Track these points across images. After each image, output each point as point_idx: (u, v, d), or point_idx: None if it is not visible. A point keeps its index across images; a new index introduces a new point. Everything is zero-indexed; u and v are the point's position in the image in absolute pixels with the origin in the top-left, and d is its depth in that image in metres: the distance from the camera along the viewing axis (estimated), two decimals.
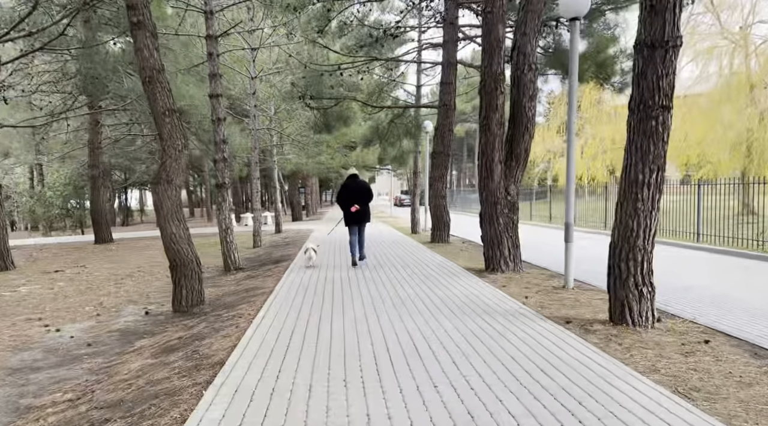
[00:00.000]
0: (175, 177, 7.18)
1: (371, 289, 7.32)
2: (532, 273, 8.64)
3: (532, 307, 6.04)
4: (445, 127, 13.60)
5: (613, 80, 12.69)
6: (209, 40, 10.98)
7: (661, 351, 4.33)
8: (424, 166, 18.41)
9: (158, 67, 7.00)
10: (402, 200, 56.61)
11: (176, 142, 7.17)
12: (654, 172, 4.86)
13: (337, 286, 7.69)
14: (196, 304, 7.28)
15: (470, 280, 7.89)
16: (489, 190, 8.47)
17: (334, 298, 6.77)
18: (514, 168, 8.61)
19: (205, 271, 11.48)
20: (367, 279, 8.23)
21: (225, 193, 11.18)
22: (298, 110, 17.29)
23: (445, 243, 13.77)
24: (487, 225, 8.60)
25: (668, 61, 4.69)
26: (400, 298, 6.63)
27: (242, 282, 9.27)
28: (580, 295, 6.80)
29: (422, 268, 9.23)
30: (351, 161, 27.39)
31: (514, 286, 7.48)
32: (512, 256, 8.58)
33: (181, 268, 7.16)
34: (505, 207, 8.53)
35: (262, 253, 13.60)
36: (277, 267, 10.40)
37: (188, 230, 7.31)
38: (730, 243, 13.07)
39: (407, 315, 5.72)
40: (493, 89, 8.24)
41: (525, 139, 8.53)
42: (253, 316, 6.01)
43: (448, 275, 8.43)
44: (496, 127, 8.26)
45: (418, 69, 16.99)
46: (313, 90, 14.46)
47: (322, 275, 8.75)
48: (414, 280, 7.97)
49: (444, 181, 13.91)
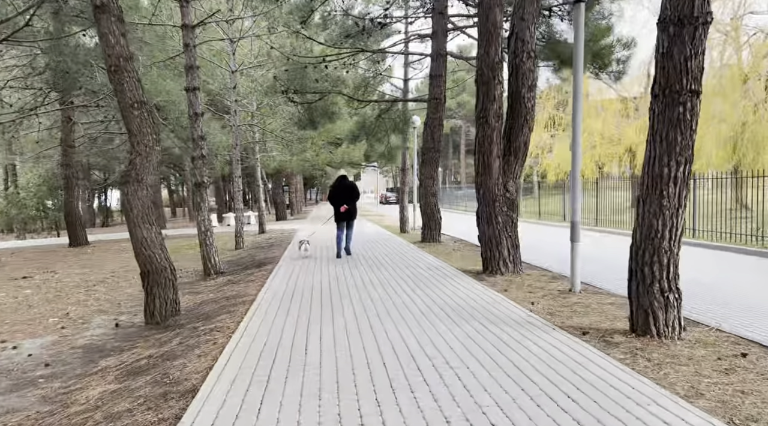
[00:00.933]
0: (146, 176, 6.53)
1: (362, 295, 6.74)
2: (532, 275, 8.12)
3: (541, 315, 5.51)
4: (435, 122, 13.05)
5: (610, 70, 12.23)
6: (185, 30, 10.30)
7: (697, 368, 3.81)
8: (413, 163, 17.86)
9: (125, 54, 6.34)
10: (388, 198, 56.05)
11: (146, 137, 6.52)
12: (681, 165, 4.34)
13: (325, 291, 7.09)
14: (171, 315, 6.64)
15: (469, 284, 7.35)
16: (487, 187, 7.93)
17: (322, 306, 6.17)
18: (513, 163, 8.08)
19: (184, 276, 10.86)
20: (357, 283, 7.65)
21: (204, 193, 10.52)
22: (281, 105, 16.62)
23: (436, 242, 13.22)
24: (485, 224, 8.06)
25: (698, 39, 4.16)
26: (395, 306, 6.06)
27: (223, 288, 8.64)
28: (589, 299, 6.28)
29: (415, 271, 8.67)
30: (336, 158, 26.74)
31: (516, 289, 6.95)
32: (512, 256, 8.06)
33: (153, 275, 6.51)
34: (504, 204, 8.00)
35: (244, 256, 12.95)
36: (260, 271, 9.78)
37: (161, 234, 6.67)
38: (727, 239, 12.71)
39: (404, 326, 5.15)
40: (490, 78, 7.69)
41: (524, 132, 8.00)
42: (233, 329, 5.40)
43: (444, 278, 7.88)
44: (494, 120, 7.72)
45: (406, 62, 16.41)
46: (297, 84, 13.83)
47: (308, 279, 8.15)
48: (408, 285, 7.40)
49: (434, 178, 13.37)
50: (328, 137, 22.89)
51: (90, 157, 38.83)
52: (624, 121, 26.37)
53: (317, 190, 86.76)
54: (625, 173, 25.70)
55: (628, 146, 25.42)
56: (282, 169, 25.29)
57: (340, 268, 9.24)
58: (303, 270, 9.23)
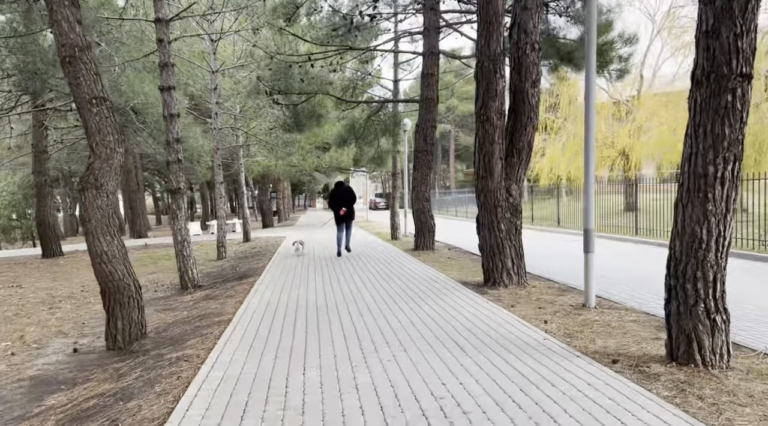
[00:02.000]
0: (107, 181, 5.76)
1: (353, 314, 6.00)
2: (538, 287, 7.43)
3: (559, 337, 4.81)
4: (428, 123, 12.37)
5: (612, 67, 11.64)
6: (159, 25, 9.54)
7: (763, 409, 3.12)
8: (403, 167, 17.17)
9: (81, 44, 5.58)
10: (377, 203, 55.41)
11: (107, 138, 5.75)
12: (729, 162, 3.67)
13: (311, 310, 6.34)
14: (136, 338, 5.86)
15: (471, 299, 6.63)
16: (488, 191, 7.24)
17: (307, 330, 5.43)
18: (516, 165, 7.41)
19: (160, 290, 10.05)
20: (347, 299, 6.91)
21: (180, 200, 9.73)
22: (265, 108, 15.86)
23: (429, 250, 12.51)
24: (487, 232, 7.37)
25: (749, 13, 3.50)
26: (392, 329, 5.33)
27: (199, 304, 7.85)
28: (608, 316, 5.59)
29: (410, 283, 7.95)
30: (324, 163, 25.96)
31: (524, 305, 6.25)
32: (516, 267, 7.36)
33: (114, 294, 5.73)
34: (507, 210, 7.31)
35: (226, 267, 12.15)
36: (241, 284, 9.00)
37: (124, 247, 5.89)
38: (741, 245, 12.08)
39: (404, 357, 4.41)
40: (491, 72, 7.00)
41: (528, 132, 7.33)
42: (203, 358, 4.64)
43: (444, 292, 7.16)
44: (496, 117, 7.04)
45: (395, 62, 15.73)
46: (281, 84, 13.09)
47: (293, 295, 7.39)
48: (403, 300, 6.68)
49: (428, 183, 12.68)
50: (316, 141, 22.14)
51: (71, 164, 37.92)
52: (617, 124, 25.92)
53: (305, 196, 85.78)
54: (618, 177, 25.20)
55: (621, 149, 24.95)
56: (268, 174, 24.47)
57: (327, 281, 8.49)
58: (287, 283, 8.47)
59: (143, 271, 12.63)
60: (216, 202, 14.05)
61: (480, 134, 7.19)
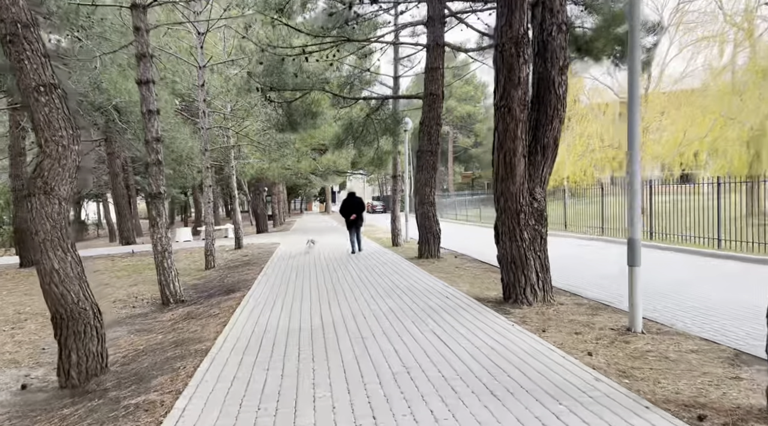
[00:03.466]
0: (59, 185, 4.78)
1: (355, 342, 5.03)
2: (566, 304, 6.47)
3: (613, 377, 3.86)
4: (432, 121, 11.43)
5: None
6: (135, 11, 8.58)
7: None
8: (404, 169, 16.23)
9: (25, 20, 4.61)
10: (374, 207, 54.49)
11: (59, 133, 4.77)
12: None
13: (305, 336, 5.37)
14: (94, 374, 4.87)
15: (492, 320, 5.67)
16: (509, 195, 6.29)
17: (299, 365, 4.46)
18: (540, 164, 6.46)
19: (139, 305, 9.06)
20: (347, 321, 5.94)
21: (161, 206, 8.76)
22: (257, 106, 14.89)
23: (435, 258, 11.56)
24: (507, 241, 6.41)
25: None
26: (402, 363, 4.36)
27: (178, 325, 6.87)
28: (662, 345, 4.65)
29: (419, 299, 6.98)
30: (321, 166, 24.98)
31: (557, 329, 5.29)
32: (541, 282, 6.41)
33: (67, 322, 4.75)
34: (531, 216, 6.36)
35: (214, 277, 11.16)
36: (227, 299, 8.03)
37: (80, 263, 4.91)
38: (760, 250, 11.12)
39: (422, 407, 3.45)
40: (513, 57, 6.04)
41: (554, 126, 6.40)
42: (168, 407, 3.68)
43: (458, 310, 6.20)
44: (519, 109, 6.08)
45: (396, 57, 14.79)
46: (274, 80, 12.13)
47: (284, 314, 6.42)
48: (414, 322, 5.71)
49: (432, 185, 11.73)
50: (312, 143, 21.17)
51: None
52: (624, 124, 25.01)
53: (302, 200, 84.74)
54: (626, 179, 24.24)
55: None
56: (262, 177, 23.48)
57: (324, 296, 7.52)
58: (278, 298, 7.50)
59: (124, 282, 11.65)
60: (204, 207, 13.08)
61: (499, 129, 6.24)
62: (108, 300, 9.66)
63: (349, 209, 13.34)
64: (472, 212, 31.99)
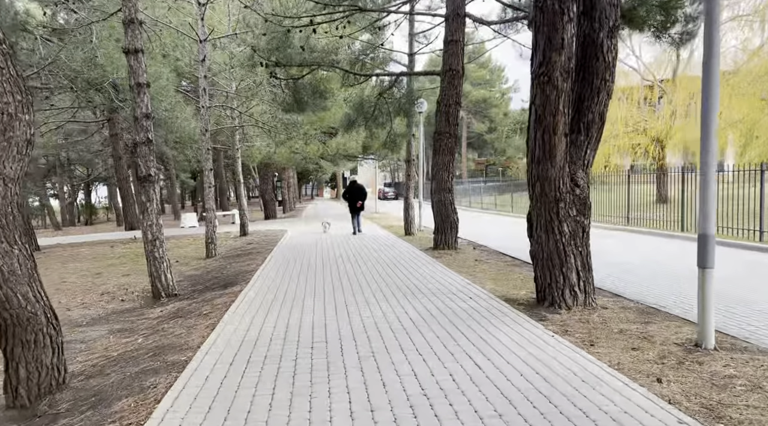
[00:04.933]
0: (3, 163, 3.92)
1: (363, 360, 4.15)
2: (610, 308, 5.54)
3: (698, 416, 2.95)
4: (451, 100, 10.44)
5: (675, 31, 9.60)
6: None
7: None
8: (419, 153, 15.25)
9: None
10: (386, 193, 53.63)
11: (2, 98, 3.90)
12: None
13: (304, 350, 4.49)
14: (48, 391, 4.04)
15: (527, 329, 4.76)
16: (546, 180, 5.34)
17: (293, 388, 3.59)
18: (583, 144, 5.51)
19: (128, 299, 8.25)
20: (354, 328, 5.05)
21: (151, 190, 7.90)
22: (262, 84, 13.96)
23: (452, 249, 10.63)
24: (544, 234, 5.48)
25: None
26: (422, 389, 3.48)
27: (163, 325, 6.04)
28: (746, 368, 3.72)
29: (438, 300, 6.08)
30: (330, 150, 24.03)
31: (608, 342, 4.37)
32: (582, 282, 5.48)
33: (14, 330, 3.90)
34: (572, 206, 5.41)
35: (213, 268, 10.33)
36: (222, 295, 7.18)
37: (31, 258, 4.05)
38: None
39: None
40: (556, 14, 5.05)
41: (600, 99, 5.43)
42: None
43: (485, 315, 5.29)
44: (561, 78, 5.11)
45: (411, 32, 13.74)
46: (279, 55, 11.19)
47: (282, 315, 5.55)
48: (435, 333, 4.82)
49: (450, 170, 10.77)
50: (321, 126, 20.21)
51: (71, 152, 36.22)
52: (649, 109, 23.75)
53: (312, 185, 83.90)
54: (652, 166, 23.04)
55: (654, 136, 22.84)
56: (269, 161, 22.60)
57: (330, 295, 6.65)
58: (279, 296, 6.64)
59: (118, 271, 10.88)
60: (204, 192, 12.24)
61: (537, 102, 5.27)
62: (96, 292, 8.89)
63: (353, 195, 15.05)
64: (487, 200, 31.00)
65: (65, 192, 46.49)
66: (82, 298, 8.49)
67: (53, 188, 48.22)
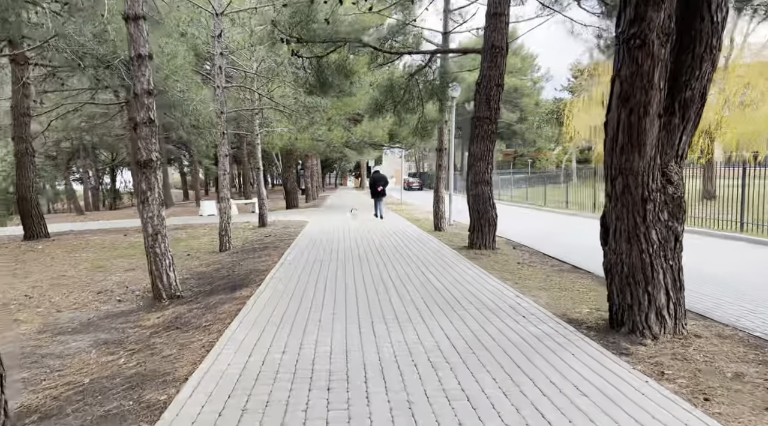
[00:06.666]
0: None
1: (397, 409, 3.08)
2: (704, 337, 4.37)
3: None
4: (493, 81, 9.27)
5: (757, 1, 8.26)
6: None
7: None
8: (450, 141, 14.08)
9: None
10: (410, 183, 52.52)
11: None
12: None
13: (319, 383, 3.44)
14: None
15: (607, 369, 3.64)
16: (632, 173, 4.19)
17: None
18: (678, 128, 4.32)
19: (126, 299, 7.34)
20: (383, 357, 3.99)
21: (152, 177, 6.93)
22: (283, 64, 12.91)
23: (489, 249, 9.51)
24: (624, 243, 4.33)
25: None
26: None
27: (154, 339, 5.08)
28: None
29: (483, 318, 4.98)
30: (355, 137, 22.90)
31: (724, 395, 3.24)
32: (672, 304, 4.32)
33: None
34: (664, 207, 4.25)
35: (225, 264, 9.37)
36: (228, 301, 6.20)
37: None
38: None
39: None
40: None
41: (703, 72, 4.23)
42: None
43: (548, 346, 4.17)
44: (659, 41, 3.93)
45: (446, 8, 12.54)
46: (302, 30, 10.14)
47: (293, 341, 4.51)
48: (483, 367, 3.73)
49: (489, 160, 9.63)
50: (346, 111, 19.12)
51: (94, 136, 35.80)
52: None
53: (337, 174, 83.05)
54: (700, 159, 21.32)
55: (703, 128, 21.16)
56: (292, 148, 21.60)
57: (353, 310, 5.60)
58: (291, 308, 5.61)
59: (123, 264, 10.02)
60: (219, 179, 11.28)
61: (624, 74, 4.10)
62: (94, 289, 8.01)
63: (375, 183, 17.53)
64: (516, 192, 29.69)
65: (89, 176, 46.35)
66: (77, 296, 7.61)
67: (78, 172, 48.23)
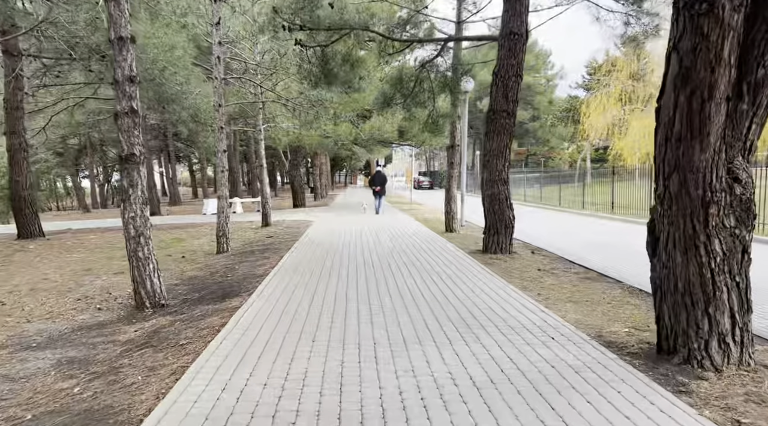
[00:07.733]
0: None
1: None
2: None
3: None
4: (511, 71, 8.51)
5: None
6: None
7: None
8: (463, 137, 13.32)
9: None
10: (420, 182, 51.77)
11: None
12: None
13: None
14: None
15: (663, 413, 2.89)
16: (690, 169, 3.43)
17: None
18: (746, 115, 3.54)
19: (107, 306, 6.65)
20: (386, 399, 3.26)
21: (134, 173, 6.26)
22: (287, 55, 12.23)
23: (506, 253, 8.76)
24: (679, 254, 3.57)
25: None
26: None
27: (119, 363, 4.39)
28: None
29: (505, 340, 4.24)
30: (364, 134, 22.19)
31: None
32: (738, 330, 3.56)
33: None
34: (729, 212, 3.49)
35: (219, 268, 8.69)
36: (215, 312, 5.51)
37: None
38: None
39: None
40: None
41: None
42: None
43: (586, 379, 3.42)
44: (731, 5, 3.18)
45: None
46: (305, 16, 9.44)
47: (280, 366, 3.80)
48: (507, 410, 2.99)
49: (506, 156, 8.86)
50: (354, 107, 18.42)
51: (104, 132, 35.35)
52: None
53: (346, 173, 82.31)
54: None
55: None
56: (299, 145, 20.93)
57: (352, 327, 4.88)
58: (283, 324, 4.90)
59: (112, 266, 9.39)
60: (216, 176, 10.63)
61: (684, 48, 3.35)
62: (74, 296, 7.35)
63: (375, 182, 19.19)
64: (530, 192, 28.83)
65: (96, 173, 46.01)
66: (54, 303, 6.95)
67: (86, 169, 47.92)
